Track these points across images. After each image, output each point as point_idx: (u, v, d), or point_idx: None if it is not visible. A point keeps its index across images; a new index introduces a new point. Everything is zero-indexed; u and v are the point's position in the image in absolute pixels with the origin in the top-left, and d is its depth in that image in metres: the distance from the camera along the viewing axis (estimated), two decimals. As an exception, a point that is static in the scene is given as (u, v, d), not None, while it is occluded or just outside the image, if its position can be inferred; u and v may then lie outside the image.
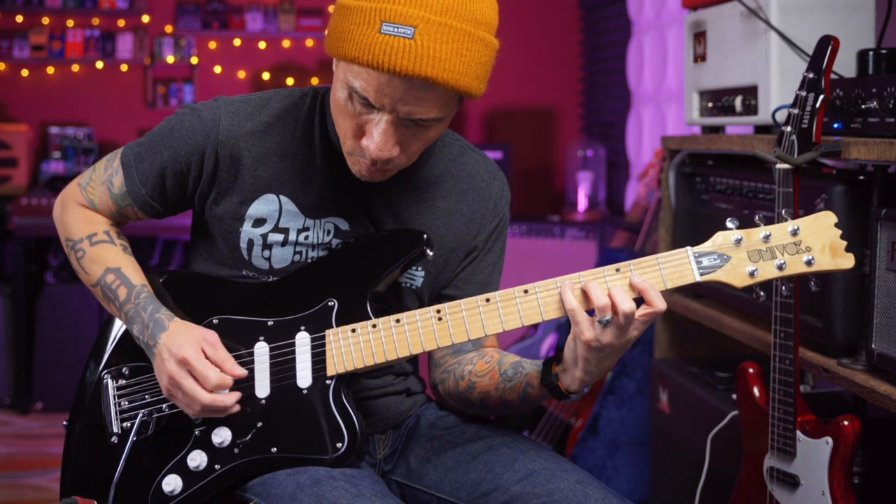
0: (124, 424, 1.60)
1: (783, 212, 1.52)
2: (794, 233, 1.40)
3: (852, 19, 2.09)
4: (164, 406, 1.58)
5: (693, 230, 2.46)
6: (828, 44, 1.72)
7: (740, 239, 1.40)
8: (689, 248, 1.42)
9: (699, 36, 2.41)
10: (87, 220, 1.67)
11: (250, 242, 1.59)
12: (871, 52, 1.90)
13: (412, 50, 1.33)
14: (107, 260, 1.62)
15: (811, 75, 1.73)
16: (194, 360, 1.49)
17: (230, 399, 1.50)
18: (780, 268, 1.39)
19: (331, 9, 1.70)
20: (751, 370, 1.97)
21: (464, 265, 1.68)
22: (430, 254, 1.55)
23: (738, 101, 2.23)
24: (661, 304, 1.38)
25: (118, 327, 1.67)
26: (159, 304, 1.57)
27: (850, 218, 1.81)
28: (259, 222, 1.58)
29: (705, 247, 1.41)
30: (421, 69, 1.34)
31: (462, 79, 1.38)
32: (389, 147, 1.43)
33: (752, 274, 1.39)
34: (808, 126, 1.73)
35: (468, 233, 1.66)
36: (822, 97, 1.72)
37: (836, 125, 1.87)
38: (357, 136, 1.45)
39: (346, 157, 1.51)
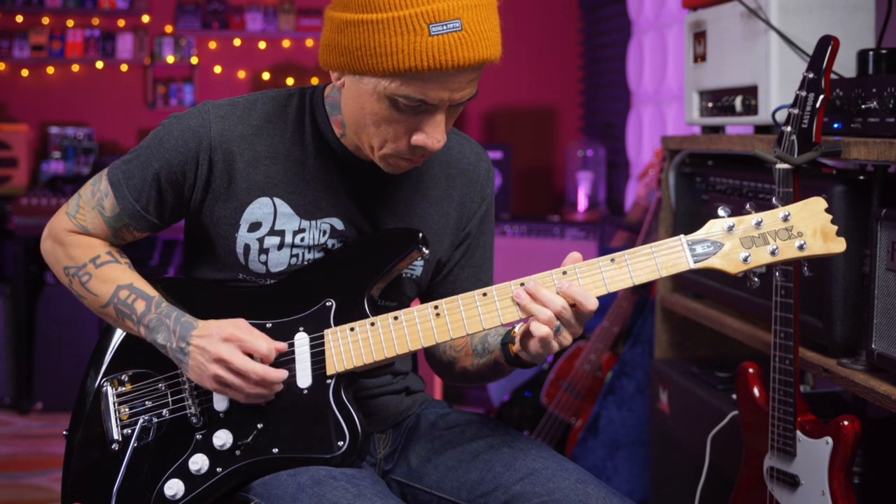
0: (125, 431, 1.59)
1: (774, 199, 1.53)
2: (786, 218, 1.42)
3: (852, 19, 2.09)
4: (164, 411, 1.58)
5: (693, 230, 2.45)
6: (828, 44, 1.72)
7: (733, 226, 1.43)
8: (682, 235, 1.44)
9: (699, 36, 2.41)
10: (85, 245, 1.63)
11: (246, 247, 1.58)
12: (871, 52, 1.90)
13: (465, 40, 1.37)
14: (116, 278, 1.60)
15: (811, 75, 1.73)
16: (241, 333, 1.49)
17: (281, 373, 1.50)
18: (773, 253, 1.41)
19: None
20: (751, 370, 1.97)
21: (458, 252, 1.70)
22: (426, 252, 1.56)
23: (738, 101, 2.23)
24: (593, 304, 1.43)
25: (118, 335, 1.66)
26: (181, 311, 1.56)
27: (850, 218, 1.81)
28: (255, 226, 1.57)
29: (699, 234, 1.44)
30: (478, 55, 1.38)
31: (499, 46, 1.43)
32: (444, 135, 1.46)
33: (745, 260, 1.42)
34: (808, 126, 1.73)
35: (459, 218, 1.68)
36: (822, 97, 1.72)
37: (836, 125, 1.87)
38: (405, 136, 1.46)
39: (382, 159, 1.50)
